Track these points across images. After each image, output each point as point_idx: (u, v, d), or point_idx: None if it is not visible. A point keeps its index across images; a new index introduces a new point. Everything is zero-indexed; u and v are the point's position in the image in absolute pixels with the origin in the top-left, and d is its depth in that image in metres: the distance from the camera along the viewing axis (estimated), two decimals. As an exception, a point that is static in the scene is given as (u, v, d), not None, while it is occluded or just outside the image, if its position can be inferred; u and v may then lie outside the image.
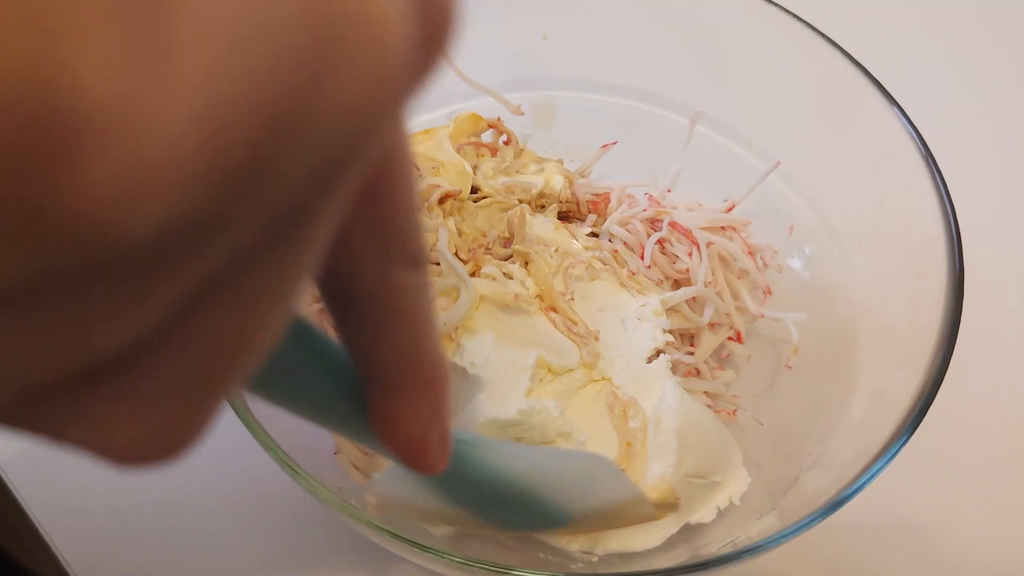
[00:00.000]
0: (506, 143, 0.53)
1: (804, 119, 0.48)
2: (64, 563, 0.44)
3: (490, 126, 0.53)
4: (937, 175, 0.41)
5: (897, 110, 0.43)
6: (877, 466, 0.34)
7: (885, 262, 0.43)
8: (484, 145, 0.52)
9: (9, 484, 0.46)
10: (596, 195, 0.52)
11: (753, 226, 0.51)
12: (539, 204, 0.51)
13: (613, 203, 0.50)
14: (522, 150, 0.53)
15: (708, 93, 0.52)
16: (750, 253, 0.48)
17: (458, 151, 0.50)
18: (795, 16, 0.47)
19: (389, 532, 0.33)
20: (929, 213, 0.41)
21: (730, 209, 0.50)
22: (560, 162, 0.53)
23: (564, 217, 0.51)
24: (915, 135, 0.42)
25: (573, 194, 0.51)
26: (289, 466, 0.34)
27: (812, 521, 0.34)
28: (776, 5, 0.47)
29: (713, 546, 0.39)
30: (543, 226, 0.48)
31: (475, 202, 0.49)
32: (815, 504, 0.35)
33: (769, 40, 0.48)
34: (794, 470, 0.40)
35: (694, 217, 0.48)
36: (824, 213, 0.48)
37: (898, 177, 0.43)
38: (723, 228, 0.49)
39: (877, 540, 0.47)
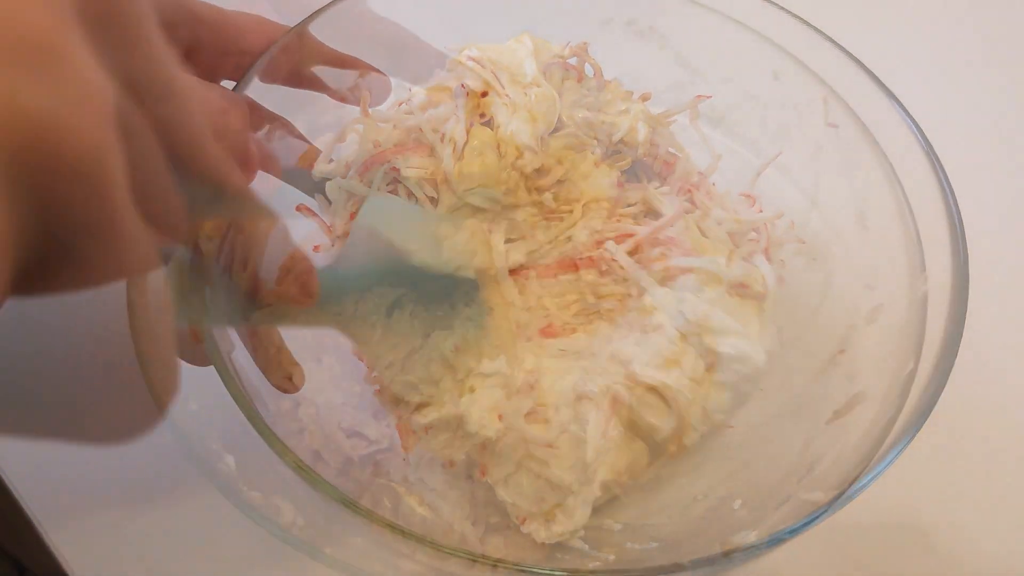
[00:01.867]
0: (594, 75, 0.47)
1: (803, 116, 0.49)
2: (64, 563, 0.44)
3: (574, 53, 0.47)
4: (941, 171, 0.42)
5: (898, 106, 0.44)
6: (879, 468, 0.35)
7: (887, 260, 0.43)
8: (573, 67, 0.46)
9: (9, 484, 0.46)
10: (671, 155, 0.47)
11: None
12: (614, 149, 0.46)
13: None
14: (607, 83, 0.47)
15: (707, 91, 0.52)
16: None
17: (543, 72, 0.45)
18: (794, 15, 0.47)
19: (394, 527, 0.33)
20: (933, 211, 0.41)
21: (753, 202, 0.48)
22: (646, 99, 0.48)
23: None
24: (917, 131, 0.43)
25: (654, 145, 0.47)
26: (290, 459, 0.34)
27: (811, 522, 0.34)
28: (775, 5, 0.48)
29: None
30: (598, 187, 0.45)
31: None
32: (815, 506, 0.35)
33: (767, 38, 0.48)
34: (796, 473, 0.40)
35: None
36: (825, 209, 0.49)
37: (901, 173, 0.43)
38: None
39: (877, 540, 0.47)
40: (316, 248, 0.47)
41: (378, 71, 0.47)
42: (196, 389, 0.37)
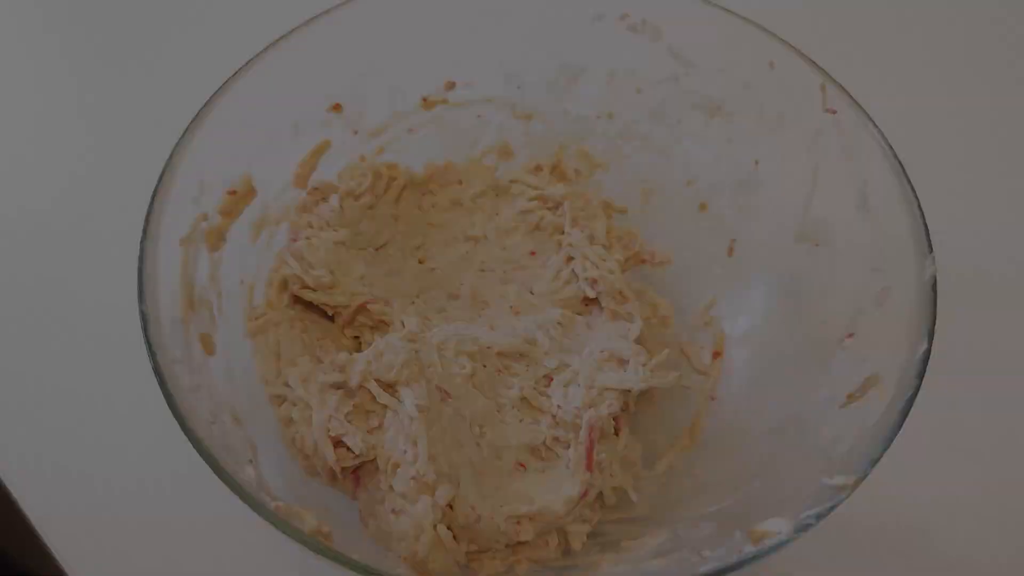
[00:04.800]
0: None
1: (800, 103, 0.49)
2: (64, 563, 0.44)
3: None
4: (904, 175, 0.43)
5: (862, 112, 0.45)
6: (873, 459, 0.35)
7: (892, 241, 0.43)
8: None
9: (8, 484, 0.46)
10: None
11: (735, 230, 0.54)
12: None
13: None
14: None
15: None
16: None
17: None
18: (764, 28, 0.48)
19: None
20: (900, 212, 0.42)
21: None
22: None
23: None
24: (883, 138, 0.44)
25: None
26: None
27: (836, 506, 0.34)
28: (749, 21, 0.48)
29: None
30: None
31: None
32: (839, 490, 0.35)
33: (762, 27, 0.48)
34: (814, 457, 0.40)
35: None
36: (826, 194, 0.49)
37: (869, 177, 0.44)
38: None
39: (877, 540, 0.48)
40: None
41: None
42: (214, 405, 0.37)
